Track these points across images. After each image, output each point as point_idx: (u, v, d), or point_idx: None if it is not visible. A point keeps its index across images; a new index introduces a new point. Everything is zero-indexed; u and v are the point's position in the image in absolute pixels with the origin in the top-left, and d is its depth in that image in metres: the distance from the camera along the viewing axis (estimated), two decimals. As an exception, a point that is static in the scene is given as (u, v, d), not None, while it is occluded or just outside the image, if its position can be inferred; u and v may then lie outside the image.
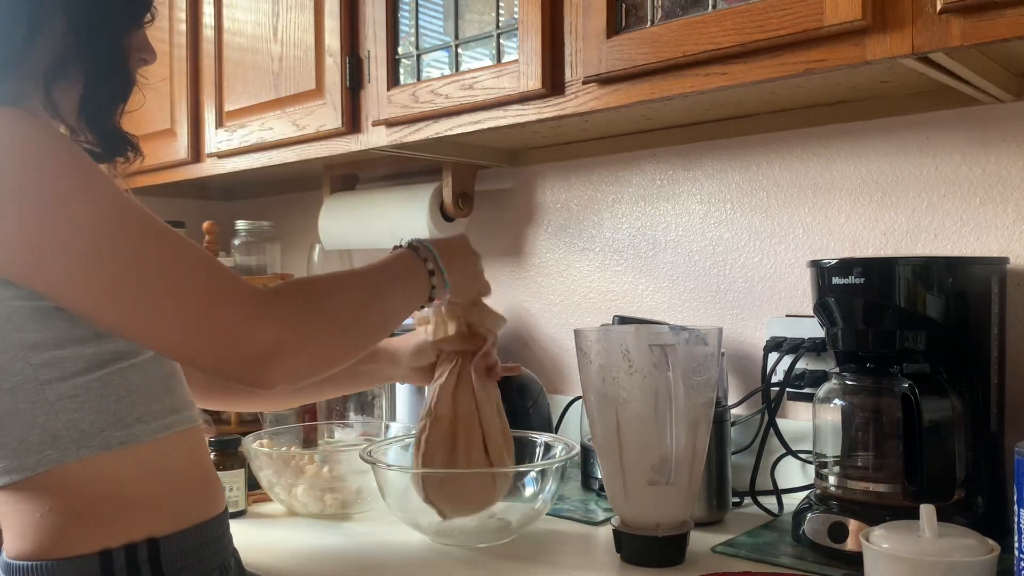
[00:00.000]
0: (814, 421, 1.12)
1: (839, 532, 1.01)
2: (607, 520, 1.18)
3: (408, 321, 1.02)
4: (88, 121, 0.87)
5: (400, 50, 1.42)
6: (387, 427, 1.47)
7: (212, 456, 1.26)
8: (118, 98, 0.88)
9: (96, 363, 0.80)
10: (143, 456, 0.83)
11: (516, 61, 1.23)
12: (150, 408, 0.84)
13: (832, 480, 1.07)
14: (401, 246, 0.97)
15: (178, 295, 0.75)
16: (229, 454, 1.28)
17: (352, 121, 1.48)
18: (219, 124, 1.75)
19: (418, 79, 1.39)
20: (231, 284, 0.77)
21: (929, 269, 1.03)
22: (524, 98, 1.23)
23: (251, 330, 0.75)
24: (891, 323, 1.03)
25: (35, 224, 0.73)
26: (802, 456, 1.24)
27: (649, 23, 1.09)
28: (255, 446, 1.30)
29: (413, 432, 1.35)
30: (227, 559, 0.91)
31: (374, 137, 1.46)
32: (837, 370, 1.11)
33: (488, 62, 1.30)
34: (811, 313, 1.13)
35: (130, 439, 0.82)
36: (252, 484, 1.31)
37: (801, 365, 1.26)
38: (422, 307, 0.99)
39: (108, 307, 0.75)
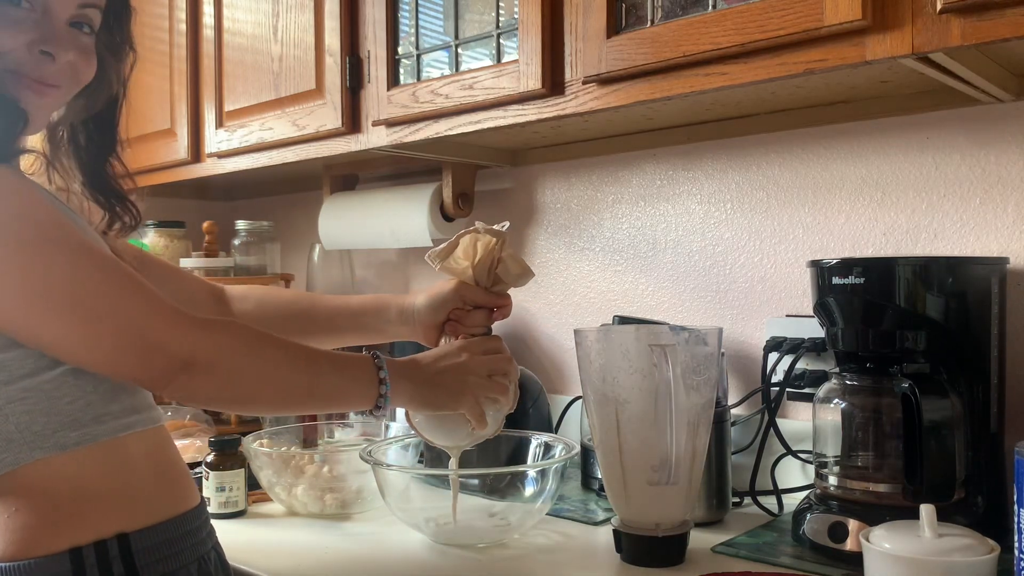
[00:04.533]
0: (814, 421, 1.12)
1: (839, 532, 1.02)
2: (607, 520, 1.18)
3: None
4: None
5: (400, 50, 1.42)
6: (387, 427, 1.46)
7: (212, 456, 1.27)
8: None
9: (45, 365, 0.80)
10: (101, 455, 0.82)
11: (516, 61, 1.23)
12: (108, 408, 0.83)
13: (832, 480, 1.07)
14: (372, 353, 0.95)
15: (116, 314, 0.78)
16: (229, 454, 1.28)
17: (352, 121, 1.48)
18: (219, 124, 1.75)
19: (418, 79, 1.39)
20: (164, 304, 0.80)
21: (929, 269, 1.03)
22: (524, 98, 1.23)
23: (172, 341, 0.79)
24: (891, 323, 1.03)
25: None
26: (802, 456, 1.24)
27: (649, 23, 1.09)
28: (255, 446, 1.30)
29: (413, 433, 1.35)
30: (206, 552, 0.90)
31: (374, 137, 1.46)
32: (837, 370, 1.11)
33: (488, 62, 1.29)
34: (811, 313, 1.13)
35: (86, 439, 0.81)
36: (252, 484, 1.31)
37: (801, 365, 1.26)
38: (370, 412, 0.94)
39: (43, 327, 0.78)
